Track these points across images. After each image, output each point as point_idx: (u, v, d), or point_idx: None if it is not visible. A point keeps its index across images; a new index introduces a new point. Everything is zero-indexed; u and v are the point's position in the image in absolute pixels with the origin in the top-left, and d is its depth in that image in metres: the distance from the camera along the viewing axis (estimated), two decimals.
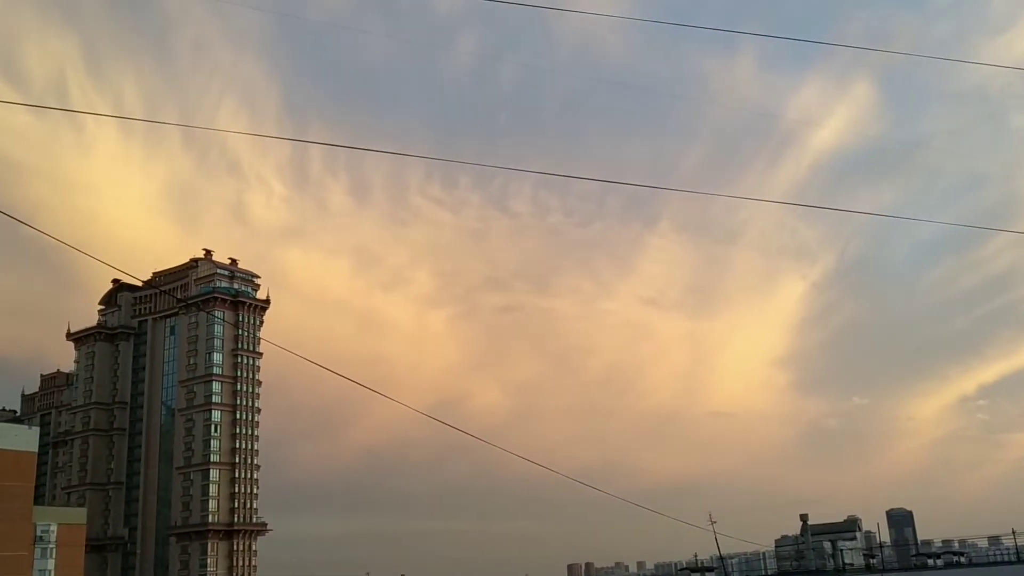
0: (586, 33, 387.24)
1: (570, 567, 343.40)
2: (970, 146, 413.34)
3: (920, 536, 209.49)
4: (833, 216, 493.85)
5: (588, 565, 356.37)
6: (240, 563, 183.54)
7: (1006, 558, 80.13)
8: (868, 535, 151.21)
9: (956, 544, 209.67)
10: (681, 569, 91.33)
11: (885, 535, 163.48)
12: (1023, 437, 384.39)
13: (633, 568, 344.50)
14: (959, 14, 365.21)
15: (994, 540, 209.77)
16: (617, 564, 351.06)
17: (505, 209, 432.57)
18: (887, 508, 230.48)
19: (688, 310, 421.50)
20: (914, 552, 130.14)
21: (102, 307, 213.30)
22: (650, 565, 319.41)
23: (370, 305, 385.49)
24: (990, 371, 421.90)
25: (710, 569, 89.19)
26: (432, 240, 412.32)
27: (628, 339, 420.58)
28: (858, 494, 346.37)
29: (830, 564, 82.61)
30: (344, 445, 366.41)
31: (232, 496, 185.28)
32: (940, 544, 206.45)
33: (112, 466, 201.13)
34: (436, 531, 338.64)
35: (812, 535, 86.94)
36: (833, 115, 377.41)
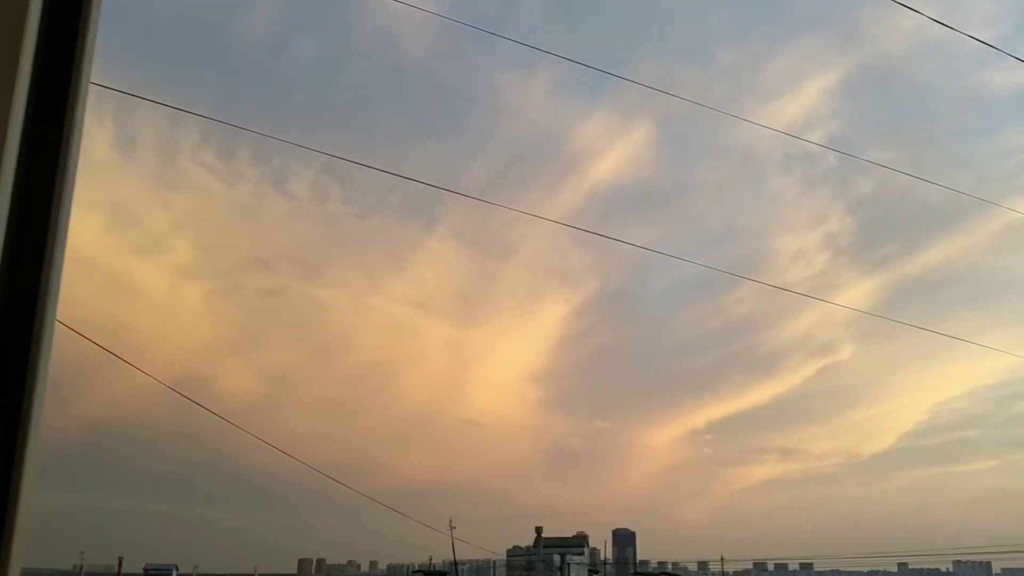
0: (389, 24, 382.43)
1: (301, 562, 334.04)
2: (730, 200, 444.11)
3: (640, 556, 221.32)
4: (601, 246, 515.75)
5: (320, 561, 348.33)
6: None
7: None
8: (594, 551, 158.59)
9: (670, 566, 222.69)
10: (414, 572, 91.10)
11: (610, 552, 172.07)
12: (739, 472, 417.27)
13: (365, 567, 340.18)
14: (736, 77, 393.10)
15: (703, 565, 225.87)
16: (349, 562, 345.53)
17: (283, 190, 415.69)
18: (614, 527, 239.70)
19: (454, 317, 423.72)
20: (632, 571, 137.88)
21: None
22: (383, 565, 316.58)
23: (121, 268, 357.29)
24: (719, 409, 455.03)
25: (442, 574, 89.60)
26: (199, 209, 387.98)
27: (391, 338, 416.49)
28: (589, 512, 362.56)
29: None
30: (71, 414, 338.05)
31: None
32: (656, 565, 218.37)
33: None
34: (165, 514, 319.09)
35: (544, 547, 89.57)
36: (613, 151, 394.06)
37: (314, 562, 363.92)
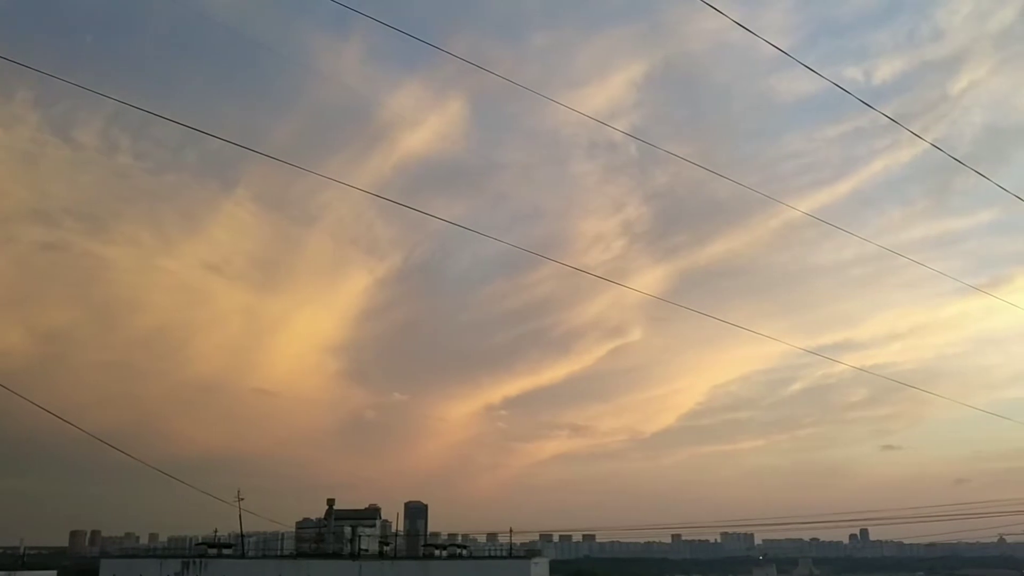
0: None
1: (73, 534, 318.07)
2: (536, 182, 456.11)
3: (431, 528, 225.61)
4: (407, 218, 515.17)
5: (95, 533, 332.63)
6: None
7: (501, 553, 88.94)
8: (386, 524, 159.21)
9: (460, 538, 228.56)
10: (197, 544, 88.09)
11: (402, 525, 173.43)
12: (530, 447, 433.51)
13: (145, 539, 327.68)
14: (548, 61, 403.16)
15: (492, 536, 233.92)
16: (127, 534, 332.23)
17: (68, 138, 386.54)
18: (406, 500, 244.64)
19: (251, 283, 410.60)
20: (423, 543, 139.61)
21: None
22: (164, 537, 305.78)
23: None
24: (515, 385, 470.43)
25: (228, 546, 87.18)
26: None
27: (182, 302, 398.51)
28: (383, 484, 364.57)
29: (347, 548, 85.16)
30: None
31: None
32: (446, 537, 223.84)
33: None
34: None
35: (335, 519, 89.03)
36: (425, 124, 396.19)
37: (88, 534, 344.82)
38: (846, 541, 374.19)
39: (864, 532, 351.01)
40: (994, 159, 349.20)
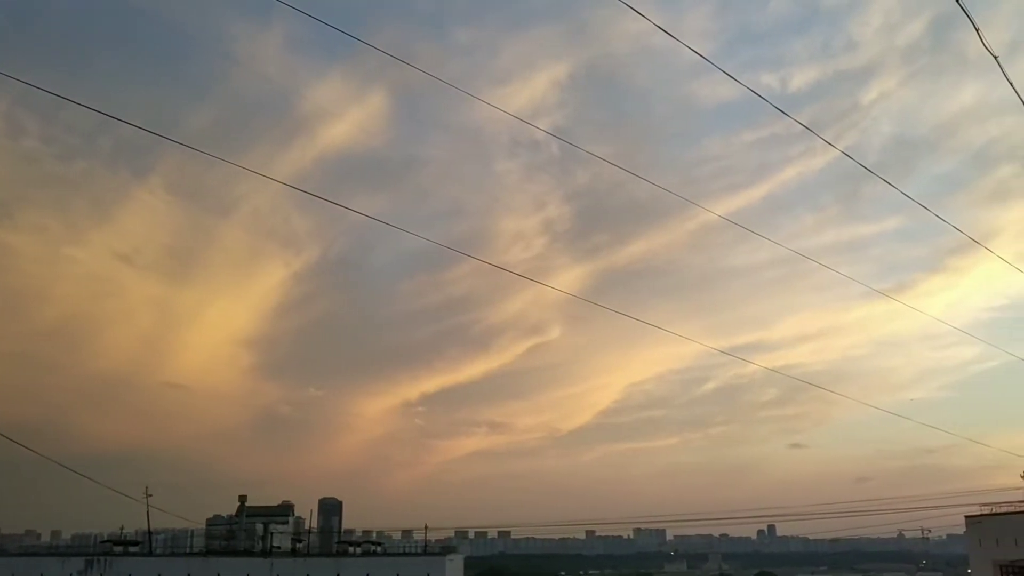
0: None
1: None
2: (458, 178, 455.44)
3: (345, 525, 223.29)
4: (325, 212, 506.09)
5: None
6: None
7: (415, 550, 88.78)
8: (299, 520, 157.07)
9: (374, 535, 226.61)
10: (102, 542, 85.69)
11: (315, 522, 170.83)
12: (448, 443, 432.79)
13: (47, 537, 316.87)
14: (472, 58, 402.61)
15: (407, 533, 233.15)
16: (28, 532, 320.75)
17: None
18: (320, 497, 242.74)
19: (164, 274, 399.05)
20: (337, 540, 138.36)
21: None
22: (67, 535, 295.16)
23: None
24: (433, 382, 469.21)
25: (135, 543, 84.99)
26: None
27: (91, 292, 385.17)
28: (297, 481, 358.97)
29: (259, 546, 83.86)
30: None
31: None
32: (361, 534, 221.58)
33: None
34: None
35: (247, 516, 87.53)
36: (346, 117, 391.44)
37: None
38: (754, 537, 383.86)
39: (772, 528, 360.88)
40: (901, 168, 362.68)
